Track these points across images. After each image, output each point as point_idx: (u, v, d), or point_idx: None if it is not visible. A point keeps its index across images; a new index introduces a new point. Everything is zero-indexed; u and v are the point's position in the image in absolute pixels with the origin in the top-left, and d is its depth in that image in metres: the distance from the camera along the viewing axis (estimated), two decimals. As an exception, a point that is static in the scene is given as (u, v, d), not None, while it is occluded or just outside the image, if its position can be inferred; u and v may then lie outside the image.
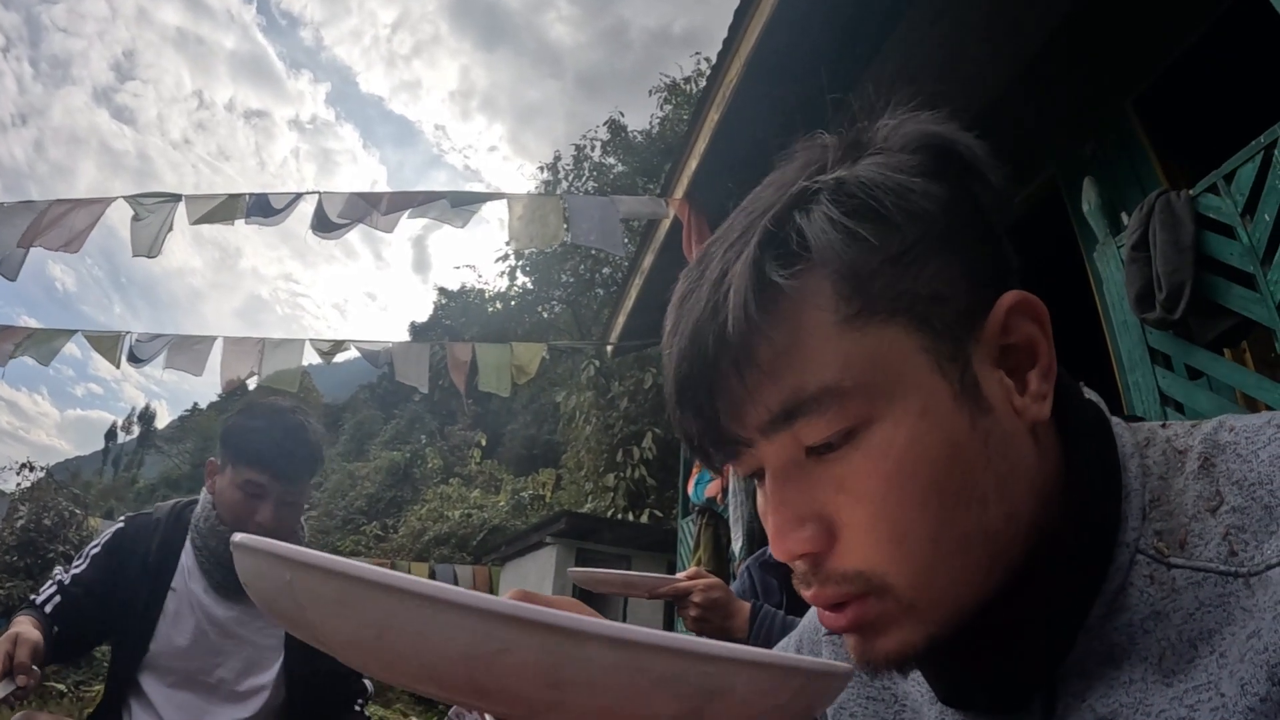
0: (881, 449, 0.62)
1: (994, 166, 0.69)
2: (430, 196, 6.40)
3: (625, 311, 8.90)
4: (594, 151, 29.19)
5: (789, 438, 0.64)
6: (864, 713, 0.88)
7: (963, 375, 0.64)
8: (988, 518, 0.63)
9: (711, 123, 5.90)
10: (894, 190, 0.63)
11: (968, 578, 0.64)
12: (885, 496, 0.62)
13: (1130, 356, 4.00)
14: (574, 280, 26.92)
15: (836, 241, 0.62)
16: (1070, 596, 0.65)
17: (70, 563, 2.32)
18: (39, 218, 5.83)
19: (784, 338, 0.62)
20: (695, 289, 0.68)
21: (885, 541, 0.62)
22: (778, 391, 0.63)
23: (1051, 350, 0.67)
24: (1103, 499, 0.66)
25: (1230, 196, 3.35)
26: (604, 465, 17.94)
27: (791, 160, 0.72)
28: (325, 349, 7.63)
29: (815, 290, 0.63)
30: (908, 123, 0.70)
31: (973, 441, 0.63)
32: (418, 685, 0.50)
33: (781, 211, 0.65)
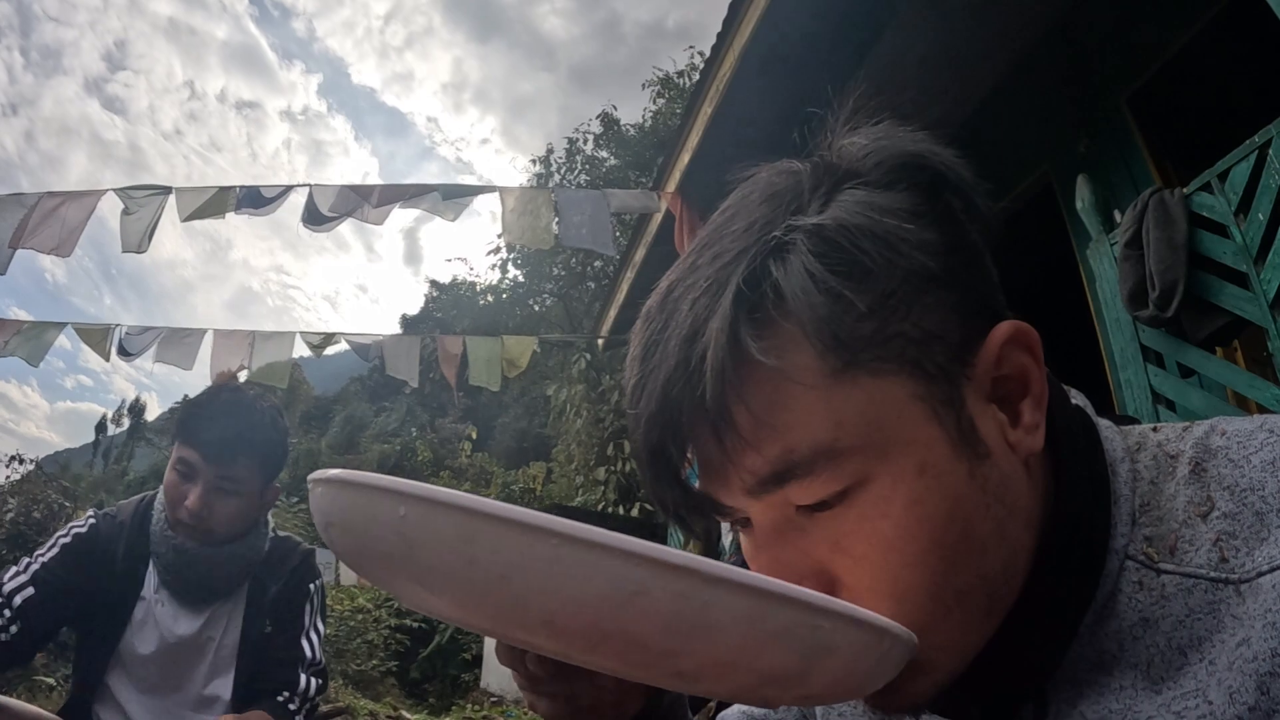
0: (879, 510, 0.60)
1: (978, 187, 0.67)
2: (422, 189, 6.38)
3: (617, 305, 8.89)
4: (586, 145, 29.21)
5: (779, 498, 0.62)
6: (854, 713, 0.88)
7: (959, 420, 0.62)
8: (986, 565, 0.63)
9: (705, 116, 5.89)
10: (882, 239, 0.61)
11: (970, 625, 0.64)
12: (885, 558, 0.61)
13: (1122, 354, 4.00)
14: (565, 273, 26.90)
15: (818, 302, 0.59)
16: (1062, 607, 0.64)
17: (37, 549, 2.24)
18: (29, 213, 5.79)
19: (766, 404, 0.60)
20: (660, 344, 0.64)
21: (885, 601, 0.61)
22: (764, 457, 0.60)
23: (1044, 378, 0.66)
24: (1092, 508, 0.65)
25: (1224, 195, 3.34)
26: (595, 459, 17.91)
27: (755, 186, 0.69)
28: (316, 342, 7.60)
29: (796, 352, 0.60)
30: (884, 142, 0.67)
31: (972, 492, 0.62)
32: (527, 634, 0.49)
33: (757, 265, 0.61)
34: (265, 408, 2.22)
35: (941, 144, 0.68)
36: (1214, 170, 3.41)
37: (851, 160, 0.66)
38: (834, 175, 0.65)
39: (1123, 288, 3.75)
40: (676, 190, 6.45)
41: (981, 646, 0.65)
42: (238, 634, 2.22)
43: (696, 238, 0.69)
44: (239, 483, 2.14)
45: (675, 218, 6.39)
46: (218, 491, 2.11)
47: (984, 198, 0.67)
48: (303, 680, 2.21)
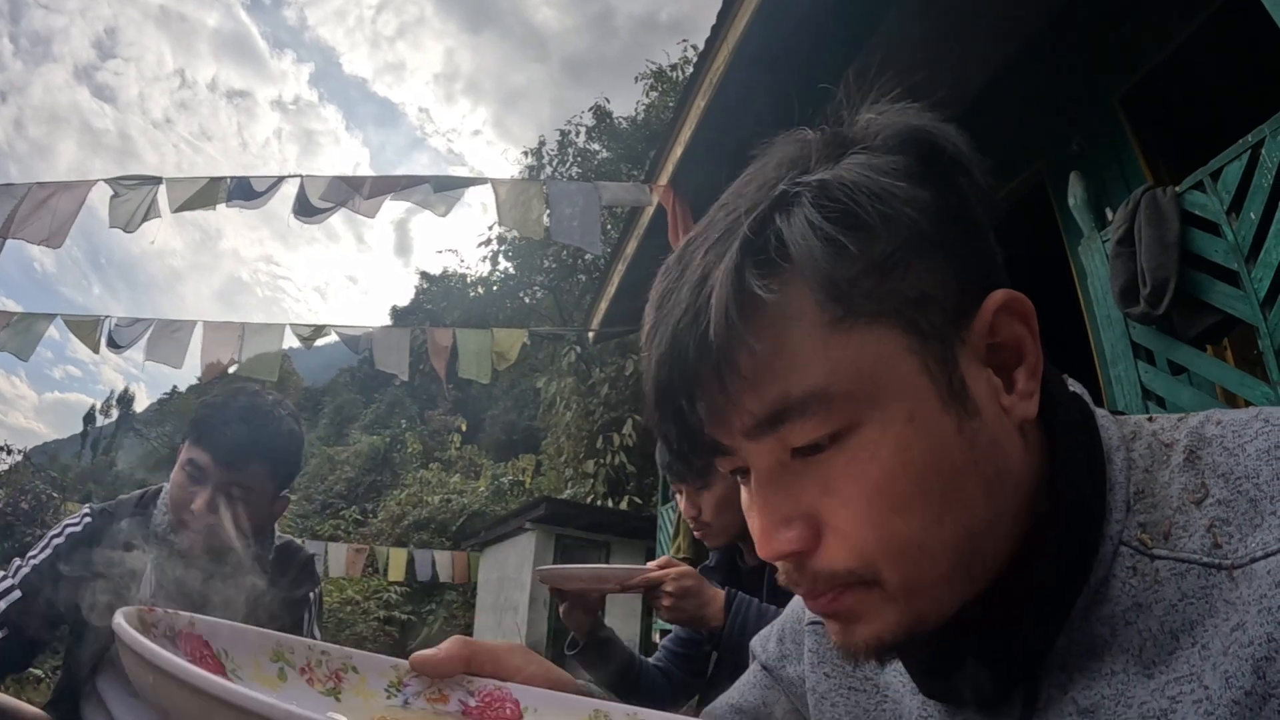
0: (868, 454, 0.62)
1: (978, 162, 0.69)
2: (413, 181, 6.37)
3: (607, 298, 8.90)
4: (579, 137, 29.20)
5: (774, 441, 0.64)
6: (845, 703, 0.89)
7: (950, 377, 0.63)
8: (973, 520, 0.63)
9: (698, 110, 5.89)
10: (877, 195, 0.62)
11: (952, 578, 0.64)
12: (871, 501, 0.62)
13: (1113, 351, 4.01)
14: (556, 266, 26.87)
15: (817, 250, 0.61)
16: (1054, 589, 0.65)
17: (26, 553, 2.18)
18: (19, 204, 5.77)
19: (767, 346, 0.61)
20: (675, 290, 0.67)
21: (871, 544, 0.62)
22: (762, 398, 0.62)
23: (1038, 348, 0.67)
24: (1087, 492, 0.66)
25: (1216, 194, 3.35)
26: (584, 451, 17.95)
27: (771, 153, 0.70)
28: (306, 334, 7.59)
29: (798, 298, 0.62)
30: (890, 115, 0.69)
31: (959, 445, 0.62)
32: None
33: (763, 215, 0.63)
34: (283, 415, 2.15)
35: (947, 122, 0.69)
36: (1206, 169, 3.42)
37: (859, 132, 0.68)
38: (841, 143, 0.67)
39: (1114, 285, 3.76)
40: (669, 183, 6.46)
41: (956, 605, 0.66)
42: None
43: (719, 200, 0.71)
44: (249, 489, 2.07)
45: (667, 210, 6.39)
46: (225, 497, 2.04)
47: (985, 173, 0.69)
48: None
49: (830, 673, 0.91)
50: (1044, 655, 0.67)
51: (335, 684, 0.69)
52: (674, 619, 2.03)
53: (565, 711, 0.72)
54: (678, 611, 1.99)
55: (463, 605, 19.27)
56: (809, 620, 0.96)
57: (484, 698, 0.72)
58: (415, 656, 0.71)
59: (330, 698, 0.67)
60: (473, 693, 0.72)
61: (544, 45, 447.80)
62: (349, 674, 0.70)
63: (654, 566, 2.04)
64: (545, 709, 0.72)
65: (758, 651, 1.09)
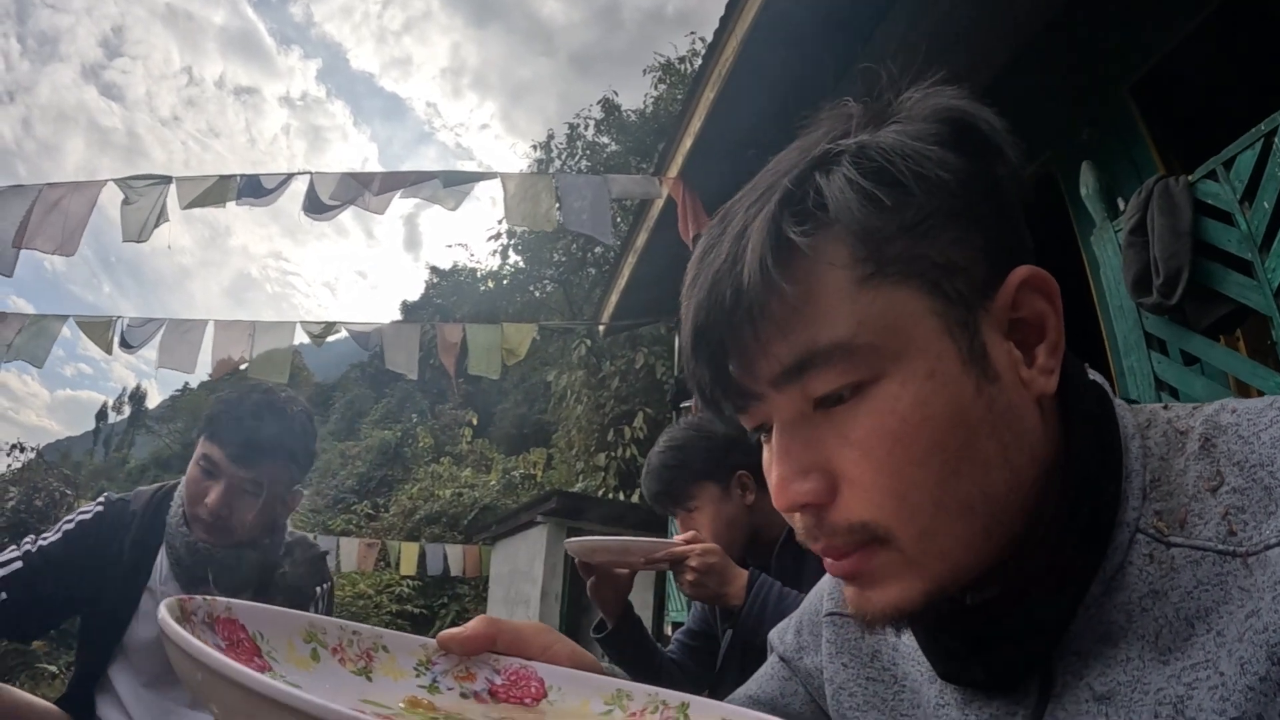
0: (887, 406, 0.64)
1: (1013, 143, 0.71)
2: (422, 176, 6.38)
3: (618, 290, 8.90)
4: (587, 130, 29.15)
5: (798, 391, 0.66)
6: (863, 693, 0.90)
7: (971, 341, 0.65)
8: (989, 482, 0.64)
9: (707, 102, 5.88)
10: (911, 157, 0.65)
11: (968, 539, 0.65)
12: (889, 452, 0.63)
13: (1126, 341, 4.00)
14: (566, 259, 26.89)
15: (853, 202, 0.64)
16: (1069, 575, 0.66)
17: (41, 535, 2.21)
18: (30, 209, 5.78)
19: (798, 293, 0.64)
20: (717, 243, 0.70)
21: (887, 496, 0.64)
22: (790, 345, 0.64)
23: (1060, 326, 0.69)
24: (1103, 479, 0.67)
25: (1229, 183, 3.33)
26: (595, 445, 17.94)
27: (816, 124, 0.73)
28: (316, 331, 7.61)
29: (831, 249, 0.64)
30: (932, 96, 0.71)
31: (977, 406, 0.64)
32: None
33: (803, 172, 0.66)
34: (296, 412, 2.18)
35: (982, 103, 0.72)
36: (1219, 158, 3.40)
37: (899, 107, 0.71)
38: (881, 114, 0.70)
39: (1126, 274, 3.74)
40: (678, 176, 6.46)
41: (974, 571, 0.67)
42: None
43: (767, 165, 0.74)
44: (262, 485, 2.11)
45: (677, 203, 6.39)
46: (239, 492, 2.08)
47: (1019, 154, 0.71)
48: None
49: (848, 663, 0.92)
50: (1059, 641, 0.67)
51: (366, 663, 0.70)
52: (696, 595, 2.04)
53: (589, 690, 0.73)
54: (700, 588, 2.01)
55: (474, 599, 19.31)
56: (826, 612, 0.98)
57: (510, 676, 0.73)
58: (442, 635, 0.72)
59: (362, 677, 0.68)
60: (499, 671, 0.73)
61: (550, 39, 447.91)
62: (379, 653, 0.71)
63: (680, 541, 2.05)
64: (569, 687, 0.73)
65: (775, 643, 1.10)
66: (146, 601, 2.16)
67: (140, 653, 2.14)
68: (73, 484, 13.71)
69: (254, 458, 2.08)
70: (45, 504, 11.07)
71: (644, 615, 12.55)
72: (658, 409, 16.31)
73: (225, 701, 0.47)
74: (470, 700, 0.70)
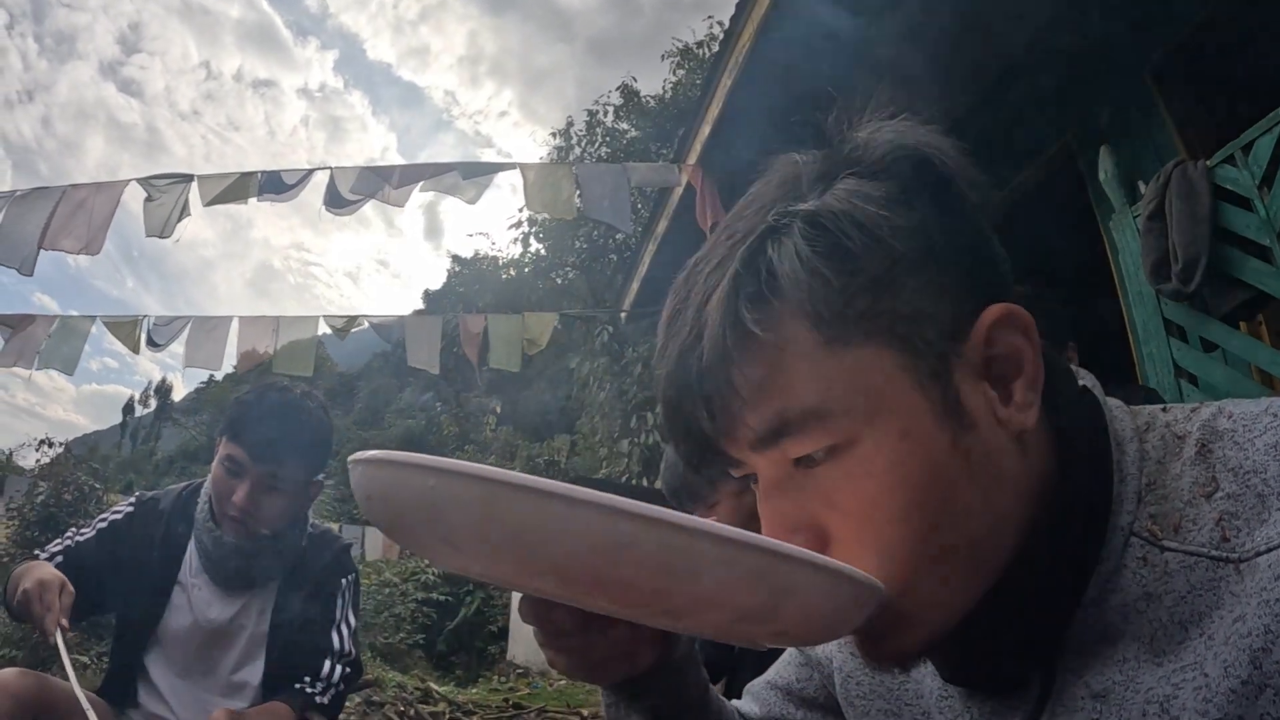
0: (864, 469, 0.65)
1: (973, 176, 0.71)
2: (442, 168, 6.39)
3: (639, 277, 8.88)
4: (607, 117, 29.00)
5: (778, 453, 0.67)
6: (870, 681, 0.93)
7: (945, 392, 0.66)
8: (972, 528, 0.66)
9: (725, 88, 5.84)
10: (863, 225, 0.66)
11: (956, 584, 0.67)
12: (869, 514, 0.65)
13: (1146, 327, 3.98)
14: (587, 246, 26.78)
15: (804, 280, 0.65)
16: (1065, 579, 0.67)
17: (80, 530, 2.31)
18: (55, 209, 5.83)
19: (760, 371, 0.65)
20: (680, 312, 0.71)
21: (871, 554, 0.65)
22: (760, 416, 0.66)
23: (1038, 359, 0.69)
24: (1093, 488, 0.68)
25: (1248, 168, 3.30)
26: (618, 431, 17.90)
27: (770, 174, 0.75)
28: (339, 325, 7.64)
29: (790, 327, 0.65)
30: (885, 133, 0.71)
31: (954, 460, 0.65)
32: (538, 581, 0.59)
33: (754, 246, 0.67)
34: (312, 407, 2.26)
35: (942, 137, 0.72)
36: (1238, 143, 3.37)
37: (853, 151, 0.71)
38: (834, 165, 0.70)
39: (1145, 260, 3.72)
40: (697, 163, 6.42)
41: (965, 609, 0.68)
42: (268, 623, 2.27)
43: (723, 219, 0.75)
44: (285, 480, 2.19)
45: (696, 190, 6.37)
46: (264, 488, 2.16)
47: (979, 188, 0.71)
48: (326, 667, 2.23)
49: (855, 652, 0.94)
50: (1057, 642, 0.69)
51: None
52: None
53: None
54: None
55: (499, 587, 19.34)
56: None
57: None
58: None
59: None
60: None
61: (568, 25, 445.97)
62: None
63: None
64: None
65: None
66: (178, 595, 2.24)
67: (173, 644, 2.21)
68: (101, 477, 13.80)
69: (275, 455, 2.16)
70: (74, 498, 11.15)
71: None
72: (680, 395, 16.28)
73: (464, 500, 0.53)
74: None
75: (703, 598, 0.56)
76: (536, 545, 0.53)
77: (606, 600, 0.57)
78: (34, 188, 6.02)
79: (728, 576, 0.54)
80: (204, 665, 2.22)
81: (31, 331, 6.93)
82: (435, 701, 9.06)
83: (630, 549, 0.52)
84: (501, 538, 0.54)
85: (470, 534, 0.55)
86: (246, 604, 2.26)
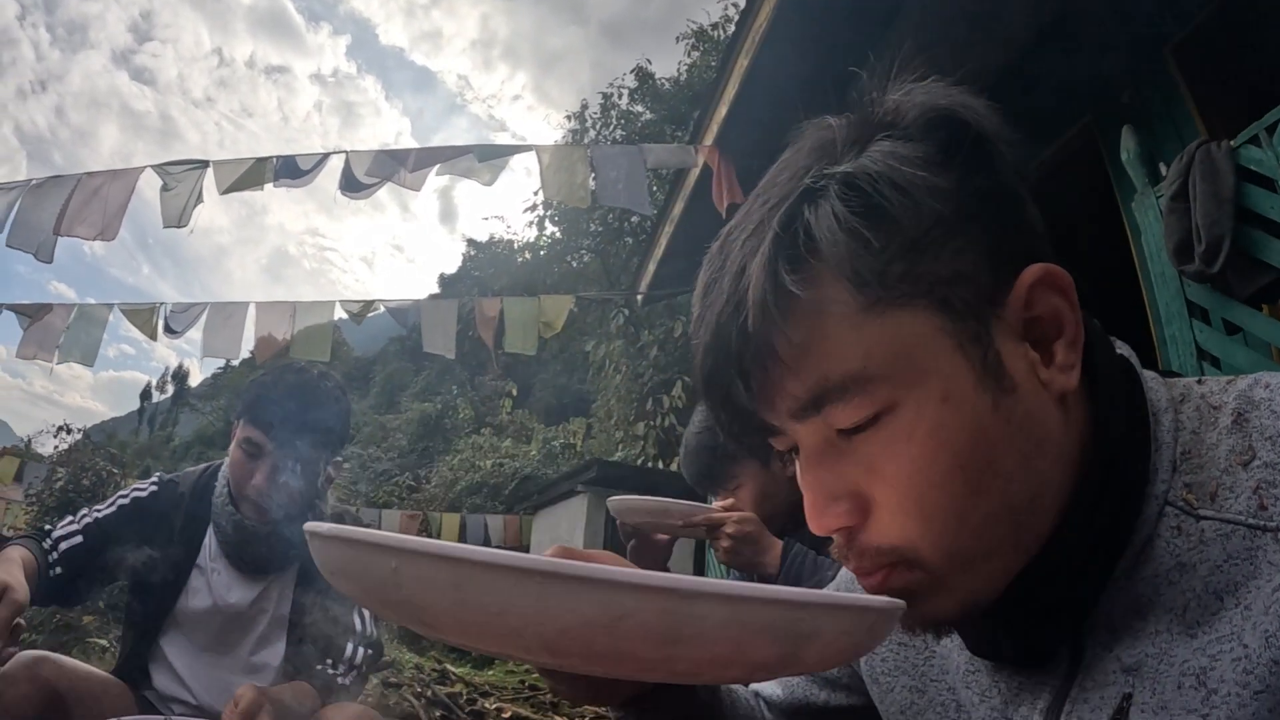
0: (905, 434, 0.64)
1: (1007, 135, 0.70)
2: (457, 152, 6.39)
3: (655, 259, 8.86)
4: (621, 100, 28.94)
5: (819, 422, 0.67)
6: (895, 657, 0.92)
7: (985, 355, 0.65)
8: (1012, 493, 0.65)
9: (741, 69, 5.82)
10: (899, 185, 0.64)
11: (996, 550, 0.66)
12: (911, 479, 0.64)
13: (1168, 309, 3.94)
14: (603, 229, 26.76)
15: (843, 242, 0.64)
16: (1098, 550, 0.67)
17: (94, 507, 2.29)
18: (70, 196, 5.87)
19: (803, 335, 0.64)
20: (717, 280, 0.70)
21: (913, 520, 0.65)
22: (802, 383, 0.65)
23: (1078, 319, 0.68)
24: (1130, 456, 0.67)
25: (1272, 149, 3.26)
26: (634, 414, 17.96)
27: (803, 140, 0.73)
28: (355, 310, 7.68)
29: (830, 289, 0.64)
30: (917, 95, 0.70)
31: (995, 423, 0.64)
32: (529, 655, 0.53)
33: (791, 209, 0.66)
34: (330, 387, 2.25)
35: (975, 97, 0.71)
36: (1262, 123, 3.33)
37: (886, 114, 0.70)
38: (868, 128, 0.69)
39: (1168, 241, 3.68)
40: (714, 144, 6.41)
41: (1007, 577, 0.68)
42: (289, 606, 2.27)
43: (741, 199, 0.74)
44: (303, 462, 2.17)
45: (713, 171, 6.36)
46: (284, 470, 2.15)
47: (1014, 147, 0.71)
48: (349, 649, 2.23)
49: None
50: (1088, 615, 0.68)
51: None
52: (731, 562, 2.07)
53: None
54: (735, 555, 2.04)
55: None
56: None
57: None
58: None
59: None
60: None
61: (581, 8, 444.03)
62: None
63: (719, 507, 2.07)
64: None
65: None
66: (196, 578, 2.24)
67: (192, 626, 2.22)
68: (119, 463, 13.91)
69: (294, 436, 2.14)
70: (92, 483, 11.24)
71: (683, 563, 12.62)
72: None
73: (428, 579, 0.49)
74: None
75: (715, 659, 0.52)
76: (520, 626, 0.49)
77: (606, 669, 0.53)
78: (50, 176, 6.07)
79: (740, 635, 0.51)
80: (223, 647, 2.23)
81: (50, 321, 6.99)
82: (452, 683, 9.09)
83: (627, 621, 0.48)
84: (480, 620, 0.49)
85: (445, 617, 0.51)
86: (267, 588, 2.26)
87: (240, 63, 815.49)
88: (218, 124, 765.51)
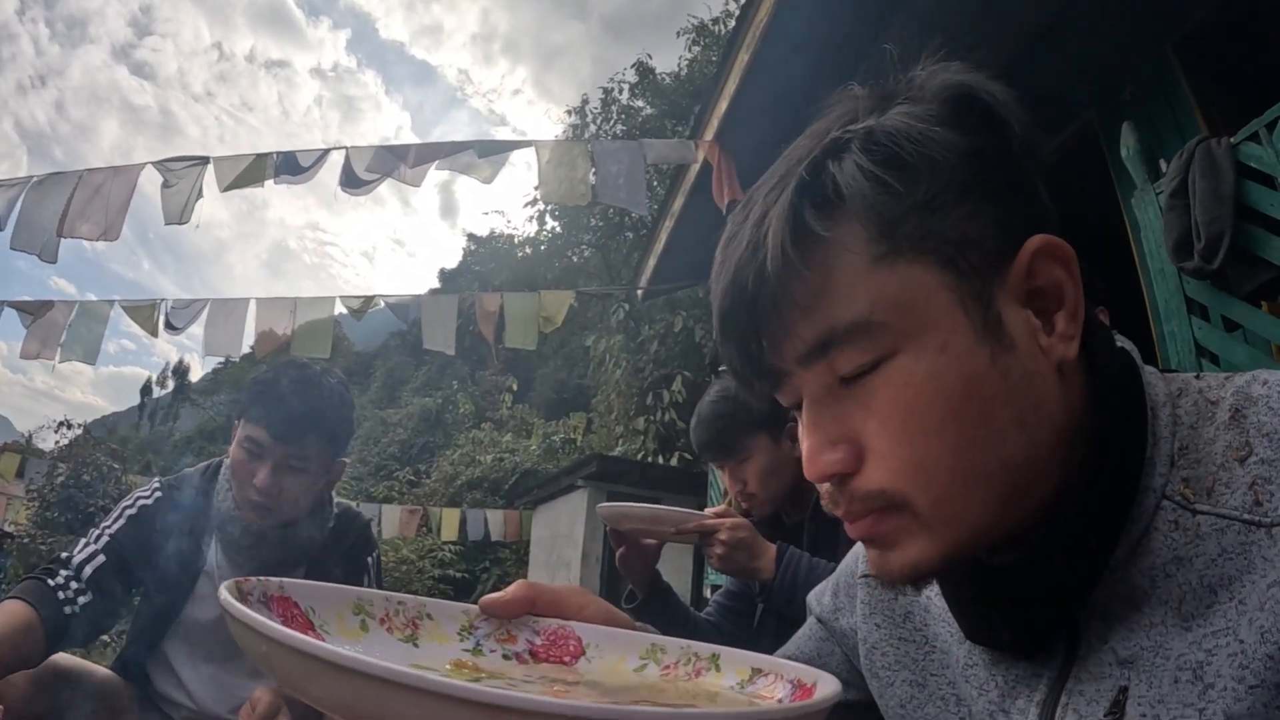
0: (903, 379, 0.66)
1: (1020, 115, 0.72)
2: (457, 147, 6.38)
3: (655, 254, 8.87)
4: (622, 94, 28.88)
5: (824, 367, 0.69)
6: (895, 653, 0.93)
7: (986, 313, 0.67)
8: (1006, 449, 0.66)
9: (741, 64, 5.82)
10: (916, 139, 0.67)
11: (985, 505, 0.67)
12: (904, 424, 0.66)
13: (1167, 306, 3.95)
14: (603, 224, 26.72)
15: (865, 188, 0.66)
16: (1093, 538, 0.68)
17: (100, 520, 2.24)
18: (72, 195, 5.86)
19: (818, 277, 0.66)
20: (739, 231, 0.72)
21: (905, 464, 0.66)
22: (813, 326, 0.67)
23: (1079, 293, 0.70)
24: (1129, 445, 0.68)
25: (1272, 146, 3.27)
26: (634, 409, 17.96)
27: (826, 110, 0.75)
28: (356, 306, 7.68)
29: (848, 233, 0.67)
30: (938, 73, 0.72)
31: (992, 376, 0.66)
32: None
33: (817, 160, 0.69)
34: (333, 384, 2.19)
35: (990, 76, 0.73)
36: (1262, 120, 3.33)
37: (904, 88, 0.73)
38: (888, 98, 0.72)
39: (1168, 238, 3.69)
40: (714, 139, 6.40)
41: (994, 533, 0.69)
42: None
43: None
44: (307, 460, 2.12)
45: (713, 166, 6.35)
46: (286, 469, 2.09)
47: (1028, 125, 0.72)
48: None
49: (881, 624, 0.95)
50: (1085, 604, 0.69)
51: (413, 631, 0.74)
52: (725, 569, 2.07)
53: (624, 647, 0.77)
54: (729, 562, 2.03)
55: (516, 563, 19.49)
56: (861, 573, 1.01)
57: (549, 636, 0.77)
58: (484, 600, 0.77)
59: (409, 644, 0.72)
60: (538, 632, 0.77)
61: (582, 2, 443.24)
62: (424, 621, 0.75)
63: (710, 514, 2.07)
64: (605, 645, 0.77)
65: (813, 606, 1.14)
66: (203, 584, 2.19)
67: (200, 632, 2.17)
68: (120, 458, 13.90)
69: (297, 434, 2.08)
70: (93, 478, 11.26)
71: (683, 578, 12.59)
72: (696, 372, 16.31)
73: (288, 669, 0.50)
74: (512, 661, 0.74)
75: None
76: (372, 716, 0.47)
77: None
78: (50, 173, 6.06)
79: None
80: (228, 654, 2.19)
81: (52, 318, 6.99)
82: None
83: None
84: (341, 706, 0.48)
85: (317, 698, 0.50)
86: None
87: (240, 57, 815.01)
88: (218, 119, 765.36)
